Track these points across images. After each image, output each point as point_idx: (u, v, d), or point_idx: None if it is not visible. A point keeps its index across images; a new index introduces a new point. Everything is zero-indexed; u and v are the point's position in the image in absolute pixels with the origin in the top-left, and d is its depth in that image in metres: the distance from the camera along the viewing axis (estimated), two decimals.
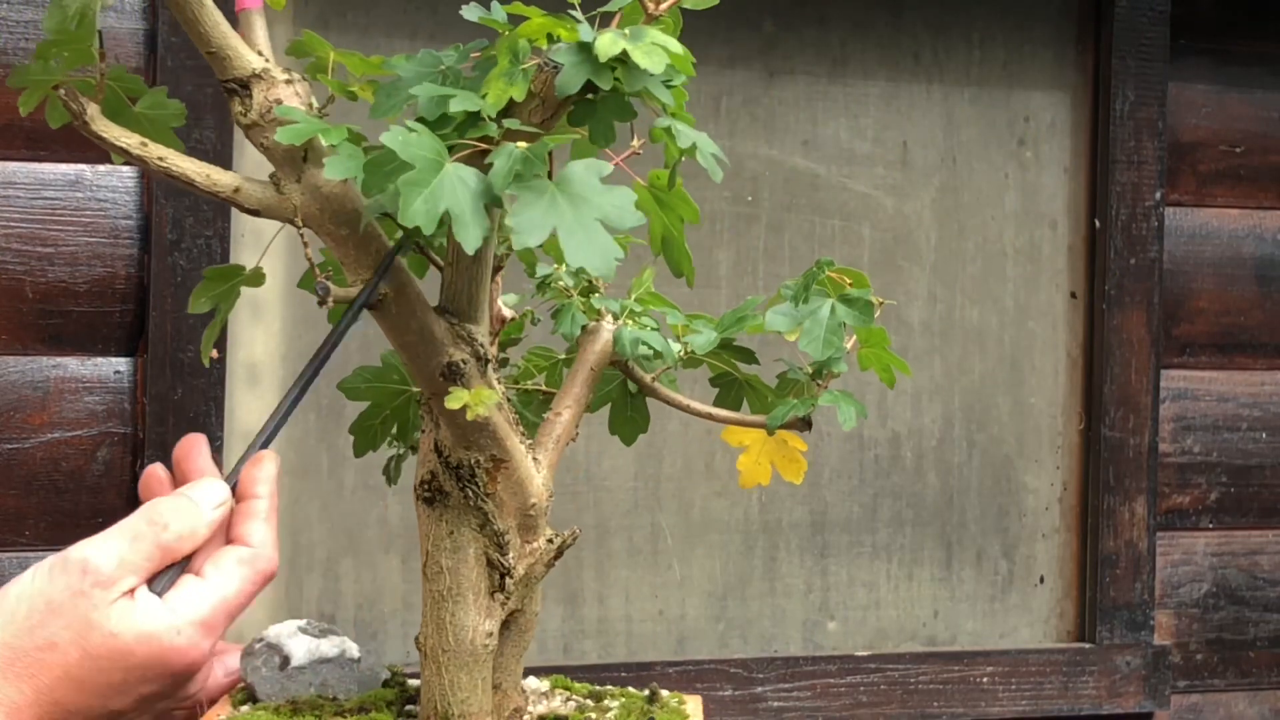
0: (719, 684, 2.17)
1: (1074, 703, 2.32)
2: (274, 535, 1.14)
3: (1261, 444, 2.44)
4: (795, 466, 1.40)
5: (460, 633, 1.31)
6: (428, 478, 1.31)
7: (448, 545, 1.31)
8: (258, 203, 1.23)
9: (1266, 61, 2.44)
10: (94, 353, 1.97)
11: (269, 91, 1.24)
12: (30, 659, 1.05)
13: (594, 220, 1.12)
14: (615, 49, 1.14)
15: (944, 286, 2.33)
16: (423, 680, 1.32)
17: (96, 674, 1.06)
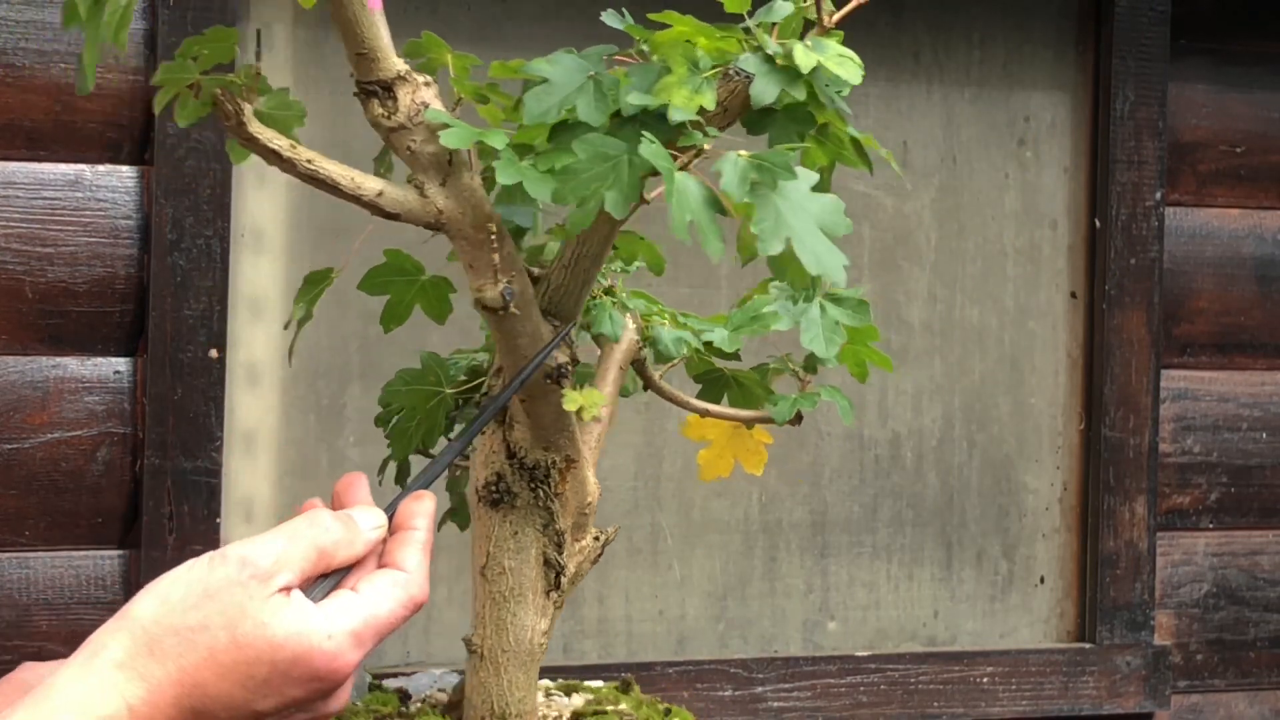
0: (719, 684, 2.17)
1: (1074, 703, 2.32)
2: (427, 566, 1.14)
3: (1261, 444, 2.44)
4: (756, 458, 1.43)
5: (520, 633, 1.32)
6: (493, 479, 1.31)
7: (511, 546, 1.32)
8: (399, 207, 1.22)
9: (1266, 61, 2.44)
10: (94, 353, 1.97)
11: (415, 94, 1.23)
12: (179, 638, 1.05)
13: (816, 228, 1.14)
14: (811, 61, 1.16)
15: (944, 286, 2.33)
16: (475, 682, 1.33)
17: (242, 663, 1.05)
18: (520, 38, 2.13)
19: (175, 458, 1.96)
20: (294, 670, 1.05)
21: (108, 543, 1.98)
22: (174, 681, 1.04)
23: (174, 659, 1.05)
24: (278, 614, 1.06)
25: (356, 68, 1.21)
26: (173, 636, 1.06)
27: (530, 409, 1.29)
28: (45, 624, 1.95)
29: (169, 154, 1.95)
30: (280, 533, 1.09)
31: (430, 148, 1.21)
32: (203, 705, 1.04)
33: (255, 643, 1.05)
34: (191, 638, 1.06)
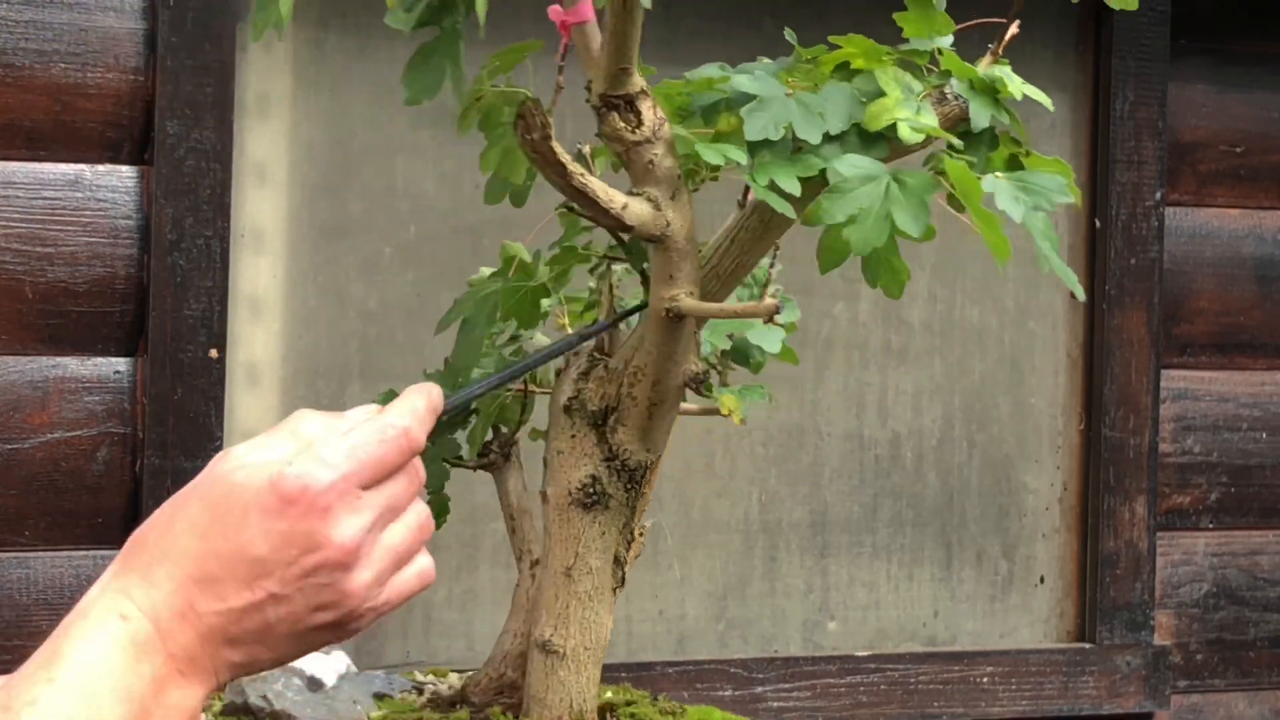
0: (719, 684, 2.17)
1: (1074, 703, 2.32)
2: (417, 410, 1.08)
3: (1261, 444, 2.44)
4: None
5: (599, 630, 1.35)
6: (588, 482, 1.33)
7: (598, 546, 1.34)
8: (637, 219, 1.24)
9: (1266, 61, 2.44)
10: (94, 353, 1.97)
11: (655, 110, 1.25)
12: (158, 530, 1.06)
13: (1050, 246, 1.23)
14: (1019, 89, 1.25)
15: (944, 286, 2.33)
16: (553, 682, 1.34)
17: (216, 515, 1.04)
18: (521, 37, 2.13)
19: (175, 458, 1.96)
20: (264, 500, 1.02)
21: (108, 543, 1.98)
22: (160, 559, 1.04)
23: (155, 541, 1.05)
24: (245, 464, 1.04)
25: (609, 82, 1.22)
26: (151, 529, 1.06)
27: (657, 413, 1.32)
28: (45, 624, 1.95)
29: (169, 154, 1.95)
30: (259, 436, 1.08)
31: (668, 162, 1.24)
32: (200, 571, 1.03)
33: (223, 492, 1.04)
34: (169, 518, 1.06)
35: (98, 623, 1.01)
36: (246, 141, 2.02)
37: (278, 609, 1.03)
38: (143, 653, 1.00)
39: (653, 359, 1.30)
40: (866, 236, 1.19)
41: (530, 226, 2.13)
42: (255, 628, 1.03)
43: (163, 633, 1.01)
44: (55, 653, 0.99)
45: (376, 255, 2.09)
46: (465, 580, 2.12)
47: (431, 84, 1.19)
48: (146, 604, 1.02)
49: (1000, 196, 1.20)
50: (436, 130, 2.11)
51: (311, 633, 1.04)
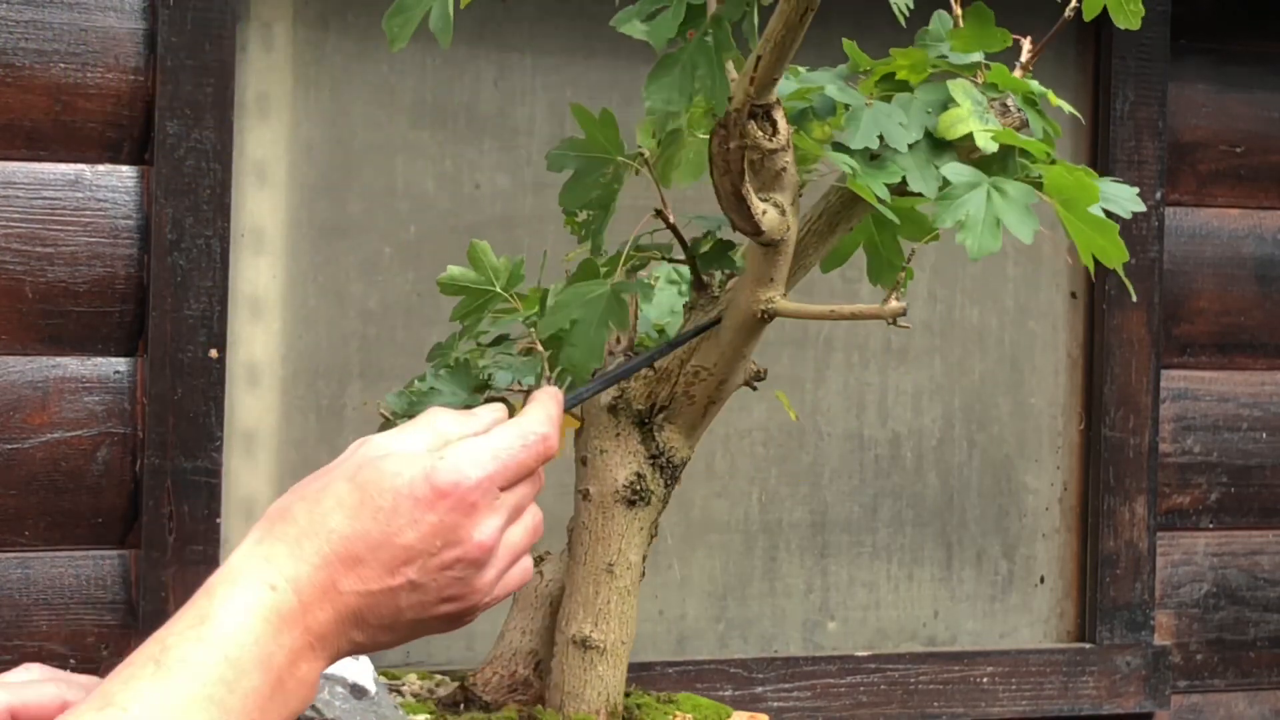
0: (719, 684, 2.17)
1: (1074, 703, 2.32)
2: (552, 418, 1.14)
3: (1261, 444, 2.44)
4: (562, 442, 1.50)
5: (631, 625, 1.41)
6: (633, 480, 1.38)
7: (637, 542, 1.39)
8: (768, 224, 1.27)
9: (1266, 61, 2.44)
10: (94, 353, 1.97)
11: (784, 119, 1.28)
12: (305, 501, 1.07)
13: None
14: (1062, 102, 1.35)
15: (944, 286, 2.33)
16: (590, 677, 1.37)
17: (367, 499, 1.06)
18: (520, 38, 2.13)
19: (175, 458, 1.96)
20: (417, 490, 1.06)
21: (108, 543, 1.98)
22: (308, 535, 1.05)
23: (304, 515, 1.06)
24: (394, 452, 1.08)
25: (760, 90, 1.23)
26: (299, 502, 1.08)
27: (712, 411, 1.38)
28: (45, 624, 1.95)
29: (169, 154, 1.95)
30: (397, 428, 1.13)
31: (793, 170, 1.28)
32: (348, 551, 1.05)
33: (375, 477, 1.07)
34: (317, 495, 1.08)
35: (246, 590, 1.04)
36: (246, 141, 2.02)
37: (410, 596, 1.07)
38: (285, 624, 1.02)
39: (726, 359, 1.35)
40: (982, 242, 1.25)
41: (528, 226, 2.14)
42: (387, 612, 1.06)
43: (304, 607, 1.03)
44: (205, 614, 1.03)
45: (376, 255, 2.09)
46: None
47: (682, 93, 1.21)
48: (293, 577, 1.04)
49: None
50: (436, 130, 2.11)
51: (431, 622, 1.10)
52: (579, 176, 1.36)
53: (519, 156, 2.14)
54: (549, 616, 1.47)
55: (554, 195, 2.16)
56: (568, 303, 1.33)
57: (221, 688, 0.98)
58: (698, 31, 1.18)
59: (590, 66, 2.14)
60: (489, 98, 2.12)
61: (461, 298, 1.48)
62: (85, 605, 1.96)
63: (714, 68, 1.19)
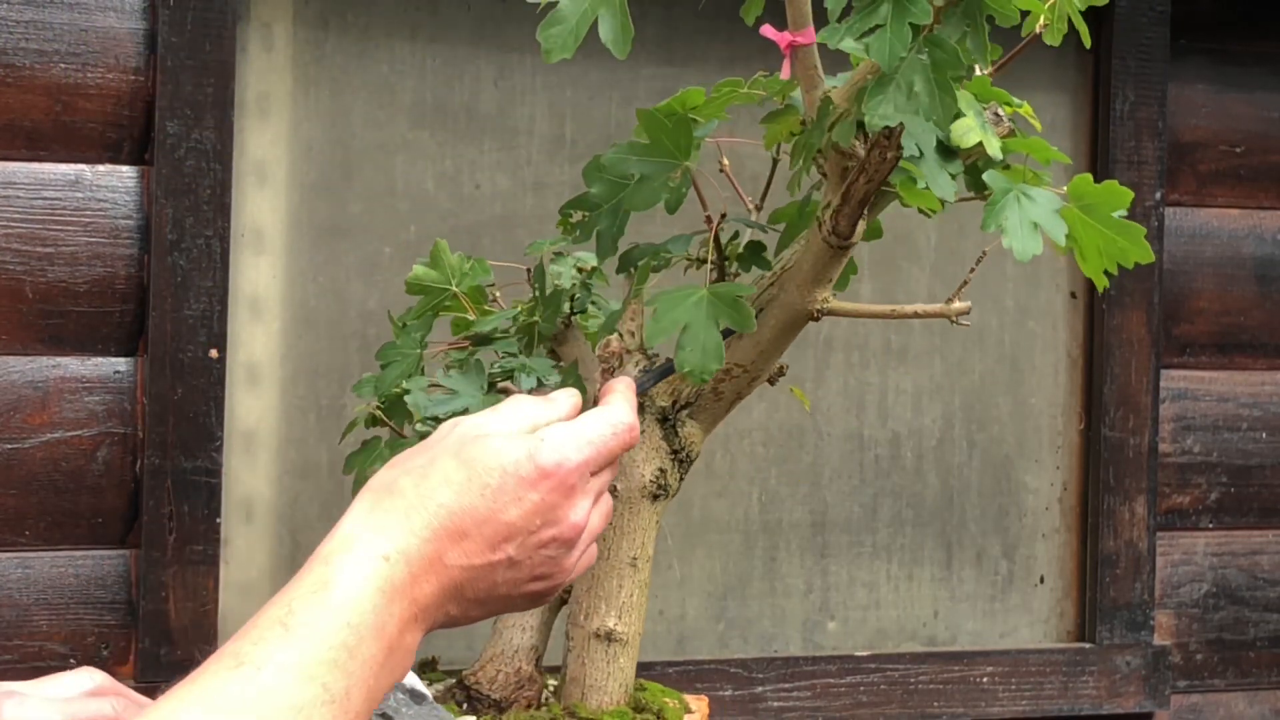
0: (719, 684, 2.17)
1: (1074, 703, 2.32)
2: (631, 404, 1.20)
3: (1261, 444, 2.44)
4: None
5: (646, 617, 1.42)
6: (658, 475, 1.41)
7: (654, 535, 1.41)
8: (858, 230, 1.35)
9: (1266, 61, 2.44)
10: (94, 353, 1.97)
11: None
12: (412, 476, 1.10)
13: None
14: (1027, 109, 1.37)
15: (944, 286, 2.33)
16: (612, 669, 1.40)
17: (475, 476, 1.09)
18: (520, 38, 2.13)
19: (175, 458, 1.96)
20: (523, 469, 1.10)
21: (108, 543, 1.98)
22: (417, 508, 1.08)
23: (412, 489, 1.09)
24: (494, 432, 1.12)
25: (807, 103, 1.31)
26: (405, 476, 1.10)
27: (735, 405, 1.41)
28: (45, 624, 1.95)
29: (169, 154, 1.95)
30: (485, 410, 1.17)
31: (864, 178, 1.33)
32: (455, 525, 1.09)
33: (481, 455, 1.10)
34: (423, 470, 1.10)
35: (361, 559, 1.06)
36: (246, 141, 2.03)
37: (507, 572, 1.11)
38: (396, 594, 1.05)
39: (766, 356, 1.39)
40: (1025, 245, 1.32)
41: (527, 225, 2.14)
42: (484, 586, 1.11)
43: (413, 578, 1.07)
44: (325, 580, 1.04)
45: (376, 255, 2.09)
46: None
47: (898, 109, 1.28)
48: (404, 549, 1.07)
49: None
50: (436, 130, 2.11)
51: (519, 599, 1.14)
52: (645, 180, 1.37)
53: (519, 156, 2.14)
54: (547, 612, 1.47)
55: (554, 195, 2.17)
56: (670, 308, 1.34)
57: (344, 652, 1.02)
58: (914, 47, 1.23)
59: (590, 66, 2.14)
60: (489, 98, 2.12)
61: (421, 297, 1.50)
62: (85, 605, 1.96)
63: (931, 85, 1.25)
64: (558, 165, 2.16)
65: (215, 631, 1.97)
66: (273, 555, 2.07)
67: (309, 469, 2.08)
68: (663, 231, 1.52)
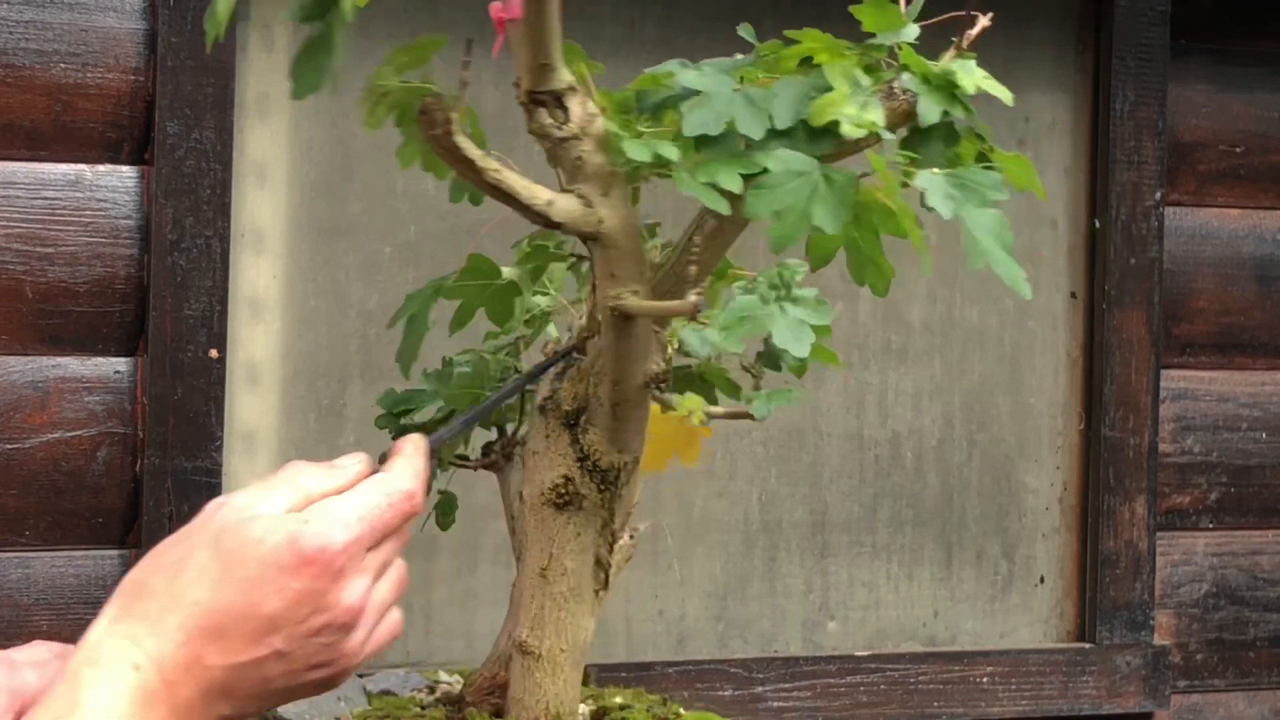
0: (719, 684, 2.17)
1: (1074, 703, 2.32)
2: (417, 470, 1.13)
3: (1261, 444, 2.44)
4: (693, 450, 1.43)
5: (577, 633, 1.34)
6: (560, 482, 1.32)
7: (574, 547, 1.33)
8: (566, 216, 1.23)
9: (1266, 61, 2.44)
10: (94, 353, 1.97)
11: (585, 105, 1.24)
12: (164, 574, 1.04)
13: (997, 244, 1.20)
14: (973, 83, 1.21)
15: (944, 286, 2.33)
16: (529, 684, 1.33)
17: (231, 568, 1.03)
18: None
19: (175, 458, 1.96)
20: (282, 557, 1.04)
21: (108, 543, 1.98)
22: (170, 609, 1.03)
23: (164, 589, 1.03)
24: (256, 515, 1.06)
25: (533, 78, 1.22)
26: (157, 574, 1.05)
27: (622, 413, 1.30)
28: (45, 624, 1.95)
29: (169, 154, 1.95)
30: (256, 484, 1.10)
31: (598, 159, 1.22)
32: (211, 624, 1.03)
33: (238, 545, 1.04)
34: (177, 565, 1.04)
35: (110, 672, 1.01)
36: (246, 141, 2.02)
37: (278, 665, 1.04)
38: (151, 703, 1.00)
39: (609, 358, 1.29)
40: (786, 232, 1.18)
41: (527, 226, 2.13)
42: (254, 682, 1.04)
43: (169, 684, 1.01)
44: (74, 702, 0.99)
45: (376, 255, 2.09)
46: (465, 580, 2.12)
47: (313, 79, 1.17)
48: (156, 654, 1.02)
49: (931, 193, 1.16)
50: None
51: (301, 688, 1.06)
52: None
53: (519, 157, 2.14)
54: None
55: None
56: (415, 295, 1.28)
57: None
58: None
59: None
60: (489, 98, 2.12)
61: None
62: (85, 605, 1.96)
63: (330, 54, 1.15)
64: None
65: None
66: None
67: None
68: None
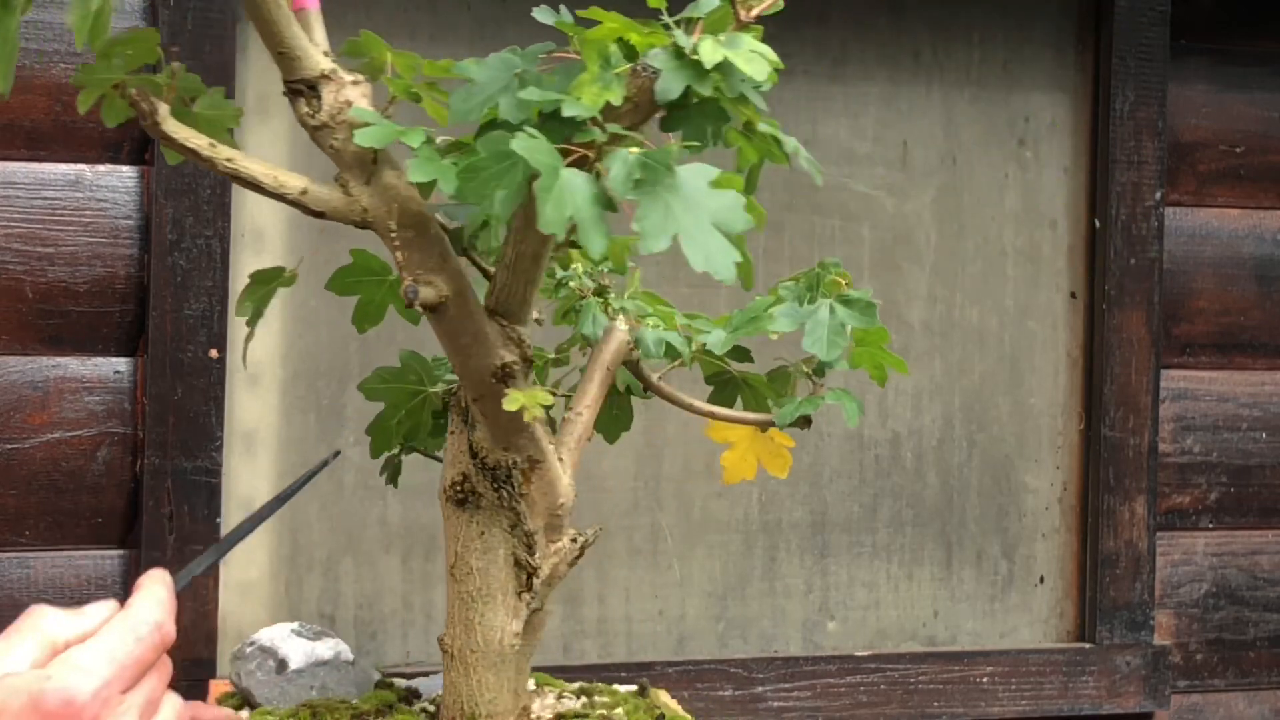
0: (719, 684, 2.17)
1: (1074, 703, 2.32)
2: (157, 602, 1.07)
3: (1261, 444, 2.44)
4: (781, 462, 1.39)
5: (489, 633, 1.32)
6: (459, 479, 1.31)
7: (478, 546, 1.32)
8: (324, 205, 1.21)
9: (1266, 61, 2.44)
10: (94, 353, 1.97)
11: (339, 93, 1.23)
12: None
13: (709, 224, 1.12)
14: (717, 56, 1.14)
15: (944, 286, 2.33)
16: (447, 681, 1.33)
17: None
18: (521, 38, 2.12)
19: (175, 458, 1.96)
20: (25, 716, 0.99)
21: (108, 543, 1.98)
22: None
23: None
24: None
25: (281, 67, 1.21)
26: None
27: (483, 408, 1.29)
28: None
29: None
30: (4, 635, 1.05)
31: (353, 146, 1.20)
32: None
33: None
34: None
35: None
36: (246, 141, 2.02)
37: None
38: None
39: (446, 351, 1.27)
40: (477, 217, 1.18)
41: None
42: None
43: None
44: None
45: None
46: None
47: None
48: None
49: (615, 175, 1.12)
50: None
51: None
52: None
53: None
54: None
55: None
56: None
57: None
58: None
59: None
60: None
61: None
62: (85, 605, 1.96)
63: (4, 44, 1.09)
64: None
65: (215, 631, 1.97)
66: (273, 555, 2.07)
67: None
68: None
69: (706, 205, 1.13)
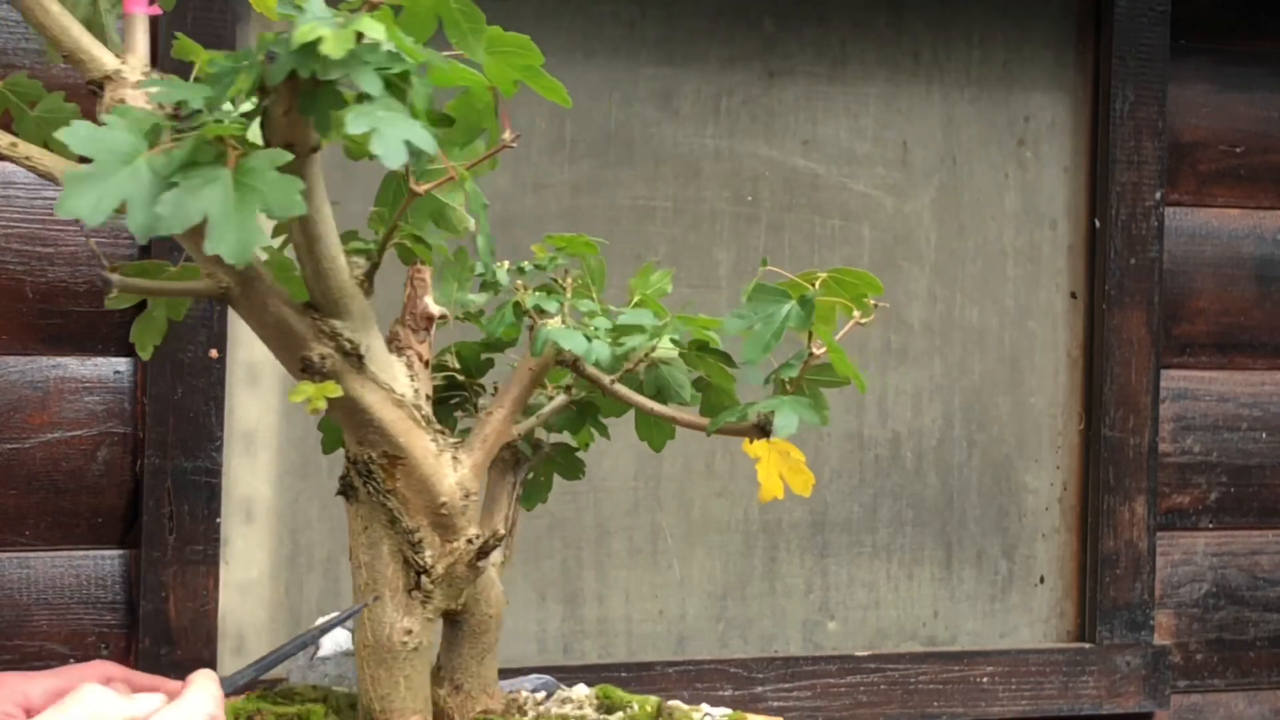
0: (719, 684, 2.17)
1: (1074, 703, 2.32)
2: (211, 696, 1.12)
3: (1261, 444, 2.44)
4: (803, 479, 1.37)
5: (378, 629, 1.32)
6: (344, 473, 1.32)
7: (363, 540, 1.32)
8: None
9: (1266, 61, 2.44)
10: (94, 353, 1.97)
11: (115, 92, 1.24)
12: None
13: (253, 208, 1.10)
14: (309, 36, 1.10)
15: (944, 286, 2.33)
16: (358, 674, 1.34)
17: None
18: None
19: (175, 458, 1.96)
20: None
21: (108, 543, 1.98)
22: None
23: None
24: None
25: (77, 70, 1.24)
26: None
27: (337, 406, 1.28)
28: (45, 624, 1.95)
29: None
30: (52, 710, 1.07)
31: None
32: None
33: None
34: None
35: None
36: None
37: None
38: None
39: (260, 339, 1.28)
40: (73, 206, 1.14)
41: (526, 225, 2.14)
42: None
43: None
44: None
45: None
46: None
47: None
48: None
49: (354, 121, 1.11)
50: None
51: None
52: None
53: (519, 157, 2.14)
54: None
55: (554, 196, 2.17)
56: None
57: None
58: None
59: (590, 66, 2.14)
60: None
61: None
62: (85, 605, 1.96)
63: None
64: (557, 165, 2.16)
65: (215, 631, 1.97)
66: (273, 555, 2.07)
67: (309, 469, 2.08)
68: None
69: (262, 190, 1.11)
